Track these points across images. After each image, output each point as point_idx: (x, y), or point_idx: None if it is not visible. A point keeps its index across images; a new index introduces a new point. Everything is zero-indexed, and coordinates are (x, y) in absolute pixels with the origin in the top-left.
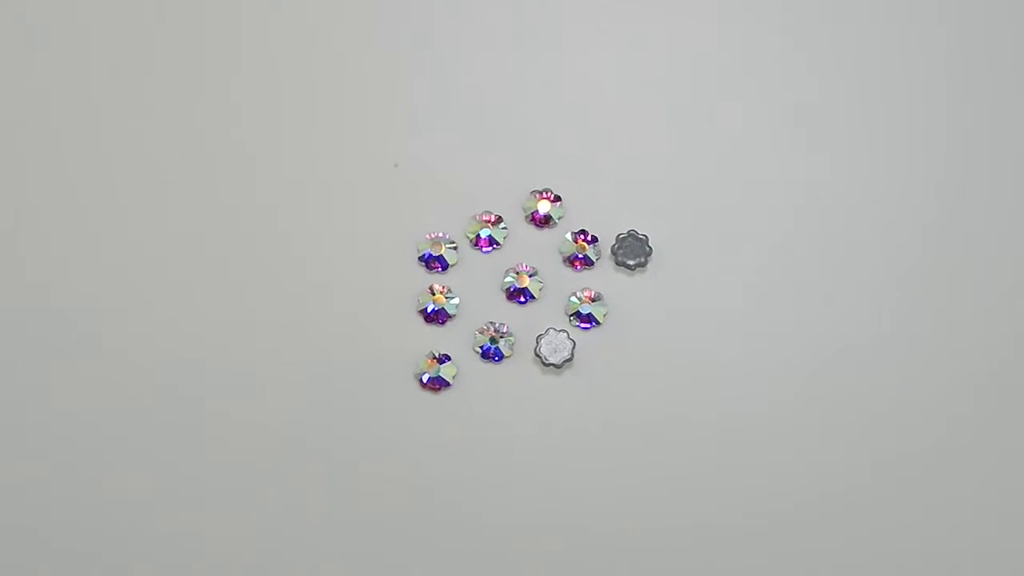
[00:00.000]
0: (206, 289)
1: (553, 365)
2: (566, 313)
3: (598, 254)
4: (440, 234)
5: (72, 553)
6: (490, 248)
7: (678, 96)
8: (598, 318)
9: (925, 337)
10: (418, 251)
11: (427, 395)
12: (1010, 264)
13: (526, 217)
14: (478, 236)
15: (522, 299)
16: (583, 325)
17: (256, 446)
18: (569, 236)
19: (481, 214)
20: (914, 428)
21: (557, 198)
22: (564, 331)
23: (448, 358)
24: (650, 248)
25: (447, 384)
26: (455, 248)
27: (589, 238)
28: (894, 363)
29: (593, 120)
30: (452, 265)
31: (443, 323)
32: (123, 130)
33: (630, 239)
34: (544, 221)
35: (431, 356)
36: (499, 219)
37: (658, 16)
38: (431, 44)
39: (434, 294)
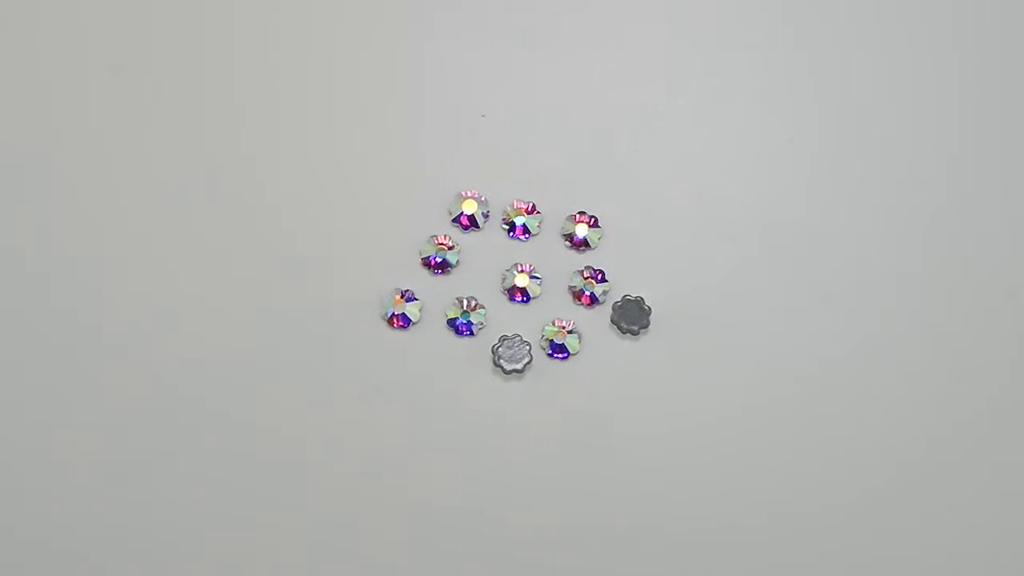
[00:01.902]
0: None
1: (500, 367)
2: (541, 336)
3: (605, 298)
4: (480, 196)
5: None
6: (519, 237)
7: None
8: (571, 349)
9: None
10: (450, 212)
11: (389, 331)
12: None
13: (563, 234)
14: (513, 223)
15: (519, 298)
16: (557, 355)
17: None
18: (583, 271)
19: (521, 202)
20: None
21: (596, 223)
22: (528, 344)
23: (415, 298)
24: (649, 321)
25: (409, 322)
26: (487, 216)
27: (599, 276)
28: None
29: (677, 169)
30: (478, 229)
31: (438, 273)
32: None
33: (632, 304)
34: (581, 244)
35: (398, 293)
36: (537, 211)
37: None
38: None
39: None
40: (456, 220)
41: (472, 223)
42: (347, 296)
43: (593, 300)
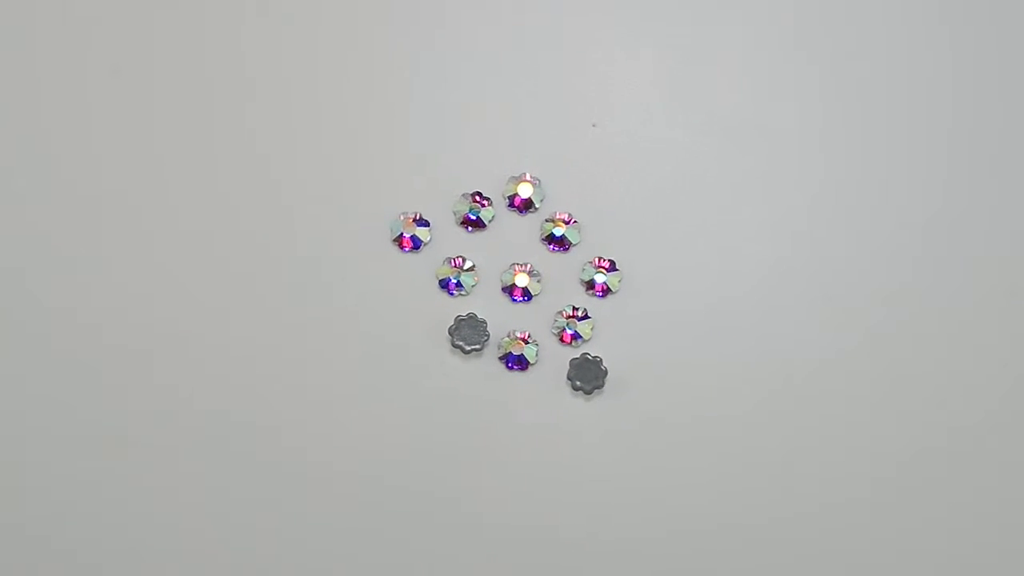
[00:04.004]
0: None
1: (451, 337)
2: (499, 356)
3: (578, 343)
4: (536, 182)
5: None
6: (552, 247)
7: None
8: (529, 359)
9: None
10: (504, 194)
11: (394, 252)
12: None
13: (582, 279)
14: (551, 234)
15: (518, 297)
16: (514, 366)
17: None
18: (565, 310)
19: (559, 214)
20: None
21: (614, 267)
22: (488, 336)
23: (427, 223)
24: (605, 370)
25: (419, 244)
26: (539, 205)
27: (580, 315)
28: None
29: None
30: (532, 209)
31: (471, 231)
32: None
33: (586, 362)
34: (602, 291)
35: (410, 216)
36: (575, 222)
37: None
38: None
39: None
40: (511, 201)
41: (525, 207)
42: (364, 226)
43: (575, 338)
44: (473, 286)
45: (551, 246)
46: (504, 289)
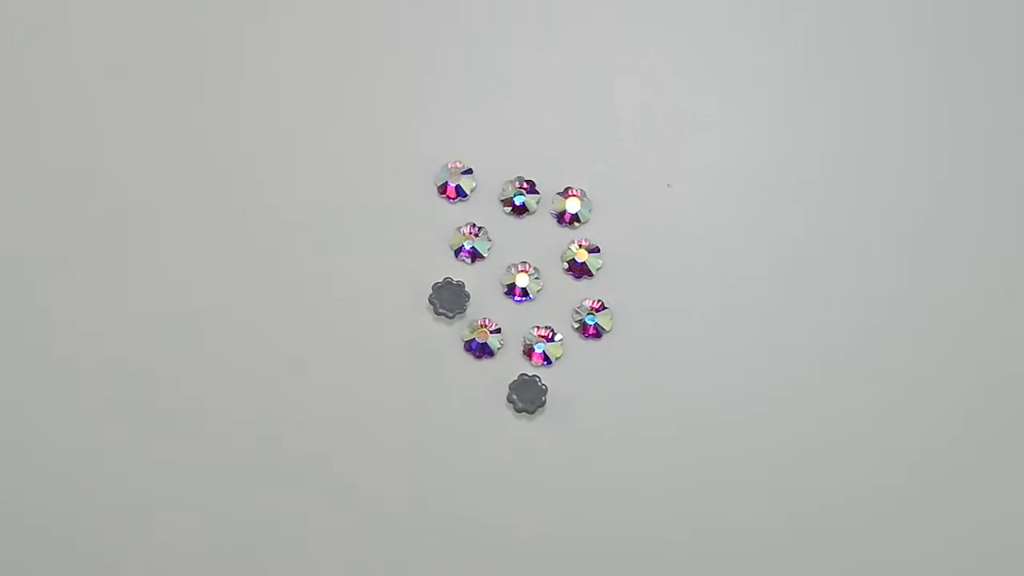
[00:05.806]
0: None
1: (429, 292)
2: (463, 338)
3: (547, 365)
4: (579, 192)
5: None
6: (570, 272)
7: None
8: (492, 348)
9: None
10: (553, 209)
11: (441, 200)
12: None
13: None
14: (573, 258)
15: (518, 297)
16: (471, 350)
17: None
18: (542, 328)
19: (587, 241)
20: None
21: (604, 306)
22: (465, 311)
23: (470, 171)
24: (544, 400)
25: (465, 195)
26: (580, 224)
27: (555, 338)
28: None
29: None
30: (574, 225)
31: (509, 212)
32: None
33: (533, 384)
34: (590, 333)
35: (457, 163)
36: (598, 250)
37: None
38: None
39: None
40: (560, 216)
41: (568, 220)
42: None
43: (543, 358)
44: (482, 258)
45: (568, 267)
46: (504, 282)
